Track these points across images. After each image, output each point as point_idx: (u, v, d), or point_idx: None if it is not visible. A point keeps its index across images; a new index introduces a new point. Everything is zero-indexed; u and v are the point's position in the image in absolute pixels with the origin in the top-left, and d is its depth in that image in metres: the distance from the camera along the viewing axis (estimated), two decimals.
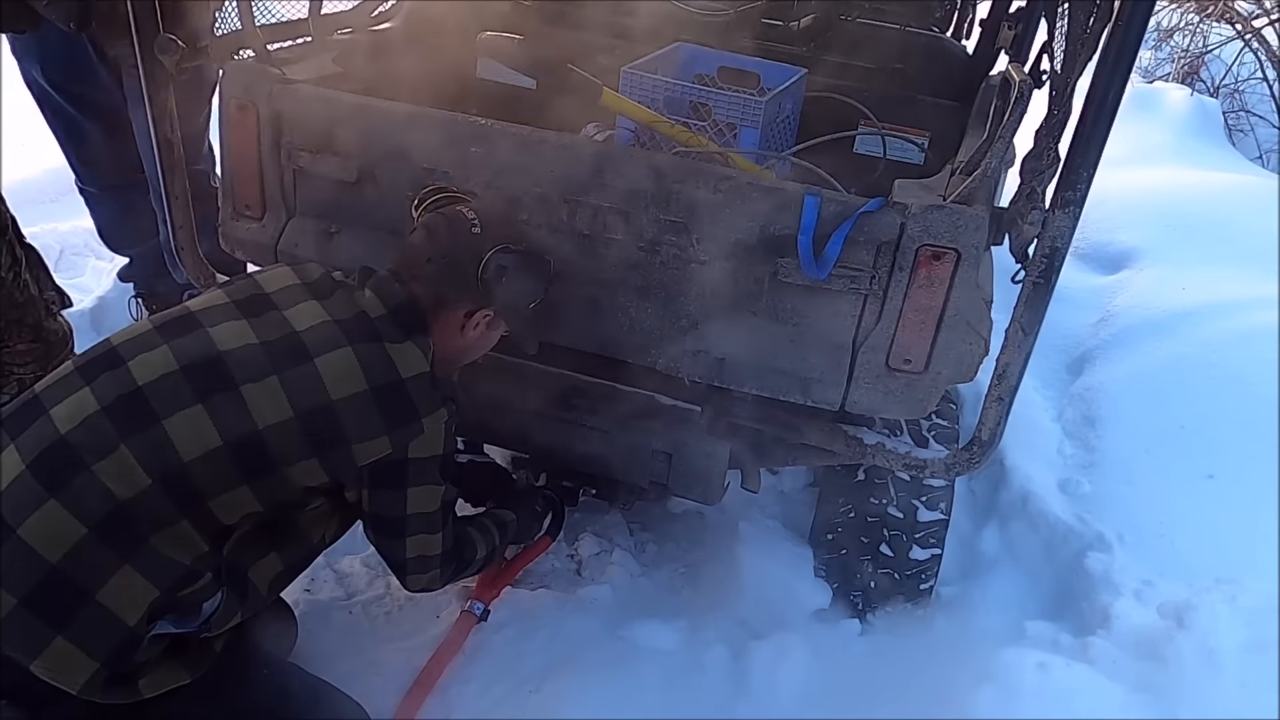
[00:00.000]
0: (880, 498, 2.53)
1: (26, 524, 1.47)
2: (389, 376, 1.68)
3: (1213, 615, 2.24)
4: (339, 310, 1.72)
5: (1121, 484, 2.91)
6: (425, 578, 1.91)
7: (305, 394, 1.62)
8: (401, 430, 1.68)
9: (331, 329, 1.68)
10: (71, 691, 1.50)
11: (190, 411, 1.56)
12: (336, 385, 1.64)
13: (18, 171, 4.23)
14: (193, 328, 1.66)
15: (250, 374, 1.61)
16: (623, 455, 2.22)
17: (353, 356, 1.66)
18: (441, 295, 1.81)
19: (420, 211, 1.91)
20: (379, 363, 1.68)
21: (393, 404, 1.67)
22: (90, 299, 3.48)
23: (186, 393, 1.57)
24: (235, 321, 1.67)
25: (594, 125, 2.77)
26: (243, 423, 1.58)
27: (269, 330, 1.67)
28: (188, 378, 1.59)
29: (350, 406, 1.64)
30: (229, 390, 1.59)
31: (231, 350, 1.62)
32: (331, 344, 1.66)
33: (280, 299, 1.73)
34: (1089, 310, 3.91)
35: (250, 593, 1.68)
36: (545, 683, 2.16)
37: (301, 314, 1.70)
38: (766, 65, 2.82)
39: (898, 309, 1.91)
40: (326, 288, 1.77)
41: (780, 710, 2.17)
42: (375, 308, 1.74)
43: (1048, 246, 1.79)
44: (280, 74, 2.18)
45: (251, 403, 1.59)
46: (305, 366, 1.63)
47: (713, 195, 1.92)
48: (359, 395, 1.65)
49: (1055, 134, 1.78)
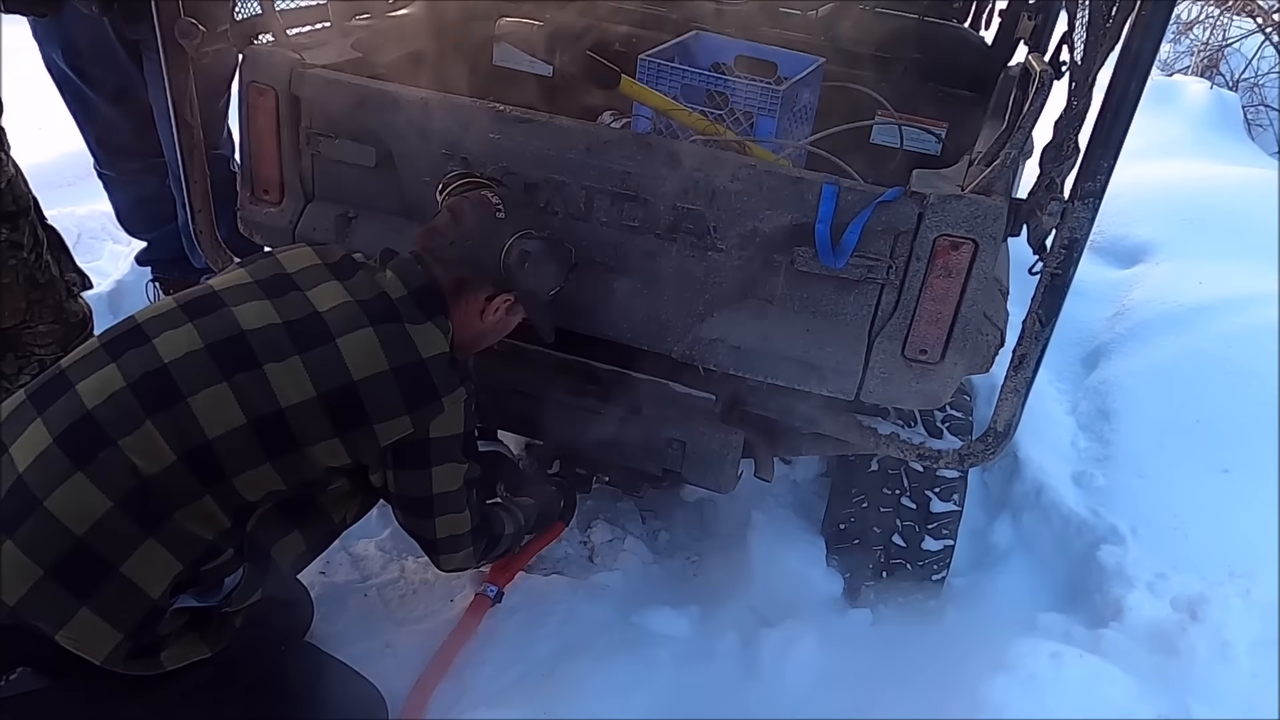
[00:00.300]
0: (893, 488, 2.53)
1: (53, 496, 1.49)
2: (409, 356, 1.69)
3: (1226, 609, 2.24)
4: (360, 291, 1.73)
5: (1135, 477, 2.90)
6: (459, 556, 1.93)
7: (327, 374, 1.64)
8: (422, 410, 1.70)
9: (353, 309, 1.70)
10: (95, 661, 1.52)
11: (215, 389, 1.58)
12: (358, 365, 1.65)
13: (35, 155, 4.21)
14: (216, 307, 1.67)
15: (273, 353, 1.62)
16: (636, 442, 2.22)
17: (374, 337, 1.67)
18: (463, 278, 1.83)
19: (445, 195, 1.92)
20: (400, 343, 1.69)
21: (413, 384, 1.68)
22: (108, 283, 3.50)
23: (211, 371, 1.59)
24: (258, 301, 1.69)
25: (610, 113, 2.77)
26: (266, 401, 1.60)
27: (291, 310, 1.68)
28: (212, 356, 1.61)
29: (371, 386, 1.65)
30: (252, 369, 1.61)
31: (255, 330, 1.64)
32: (353, 324, 1.68)
33: (302, 279, 1.75)
34: (1104, 304, 3.90)
35: (271, 570, 1.70)
36: (558, 666, 2.17)
37: (323, 294, 1.72)
38: (784, 54, 2.81)
39: (914, 299, 1.91)
40: (348, 268, 1.78)
41: (790, 697, 2.18)
42: (396, 289, 1.76)
43: (1066, 238, 1.78)
44: (299, 59, 2.19)
45: (274, 382, 1.61)
46: (327, 347, 1.65)
47: (731, 183, 1.92)
48: (380, 375, 1.66)
49: (1075, 125, 1.77)
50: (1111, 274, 4.19)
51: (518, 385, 2.24)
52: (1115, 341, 3.59)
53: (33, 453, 1.53)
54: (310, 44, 2.32)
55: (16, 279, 2.22)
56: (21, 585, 1.48)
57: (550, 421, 2.27)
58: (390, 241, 2.17)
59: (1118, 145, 1.69)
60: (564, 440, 2.32)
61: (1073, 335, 3.72)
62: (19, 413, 1.59)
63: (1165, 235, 4.33)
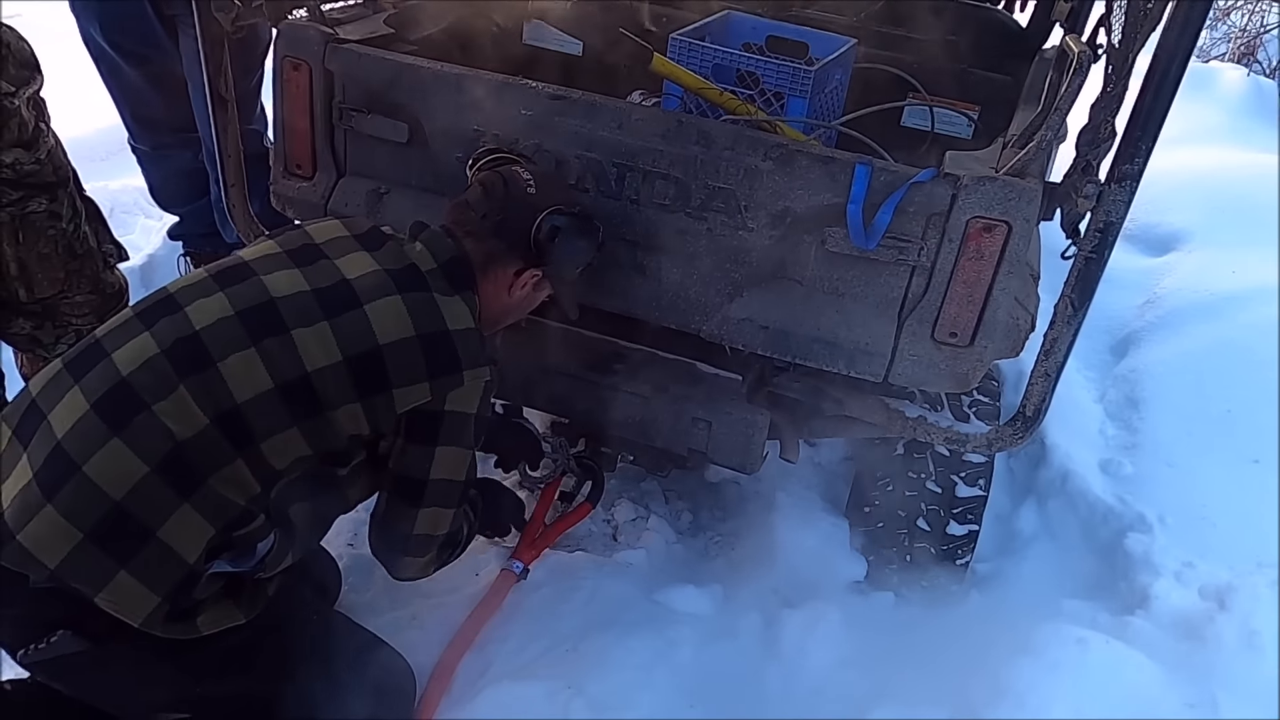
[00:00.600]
0: (919, 472, 2.53)
1: (91, 461, 1.52)
2: (436, 326, 1.70)
3: (1254, 598, 2.23)
4: (389, 261, 1.75)
5: (1164, 466, 2.88)
6: (421, 562, 1.88)
7: (354, 338, 1.65)
8: (442, 379, 1.70)
9: (381, 277, 1.71)
10: (134, 624, 1.55)
11: (244, 354, 1.60)
12: (384, 330, 1.67)
13: (70, 130, 4.26)
14: (247, 276, 1.69)
15: (301, 319, 1.64)
16: (662, 422, 2.23)
17: (401, 304, 1.69)
18: (493, 252, 1.83)
19: (475, 170, 1.92)
20: (427, 311, 1.71)
21: (437, 352, 1.70)
22: (140, 256, 3.54)
23: (241, 336, 1.61)
24: (288, 270, 1.70)
25: (640, 92, 2.77)
26: (293, 366, 1.62)
27: (321, 278, 1.70)
28: (243, 322, 1.63)
29: (395, 351, 1.67)
30: (281, 334, 1.63)
31: (284, 296, 1.66)
32: (381, 291, 1.69)
33: (331, 249, 1.76)
34: (1135, 292, 3.86)
35: (299, 537, 1.72)
36: (581, 642, 2.19)
37: (353, 263, 1.73)
38: (816, 35, 2.79)
39: (945, 281, 1.90)
40: (376, 239, 1.79)
41: (811, 678, 2.18)
42: (426, 261, 1.77)
43: (1101, 221, 1.77)
44: (333, 33, 2.20)
45: (302, 346, 1.63)
46: (355, 312, 1.67)
47: (762, 163, 1.92)
48: (405, 341, 1.67)
49: (1113, 108, 1.75)
50: (1143, 261, 4.14)
51: (544, 363, 2.25)
52: (1145, 330, 3.56)
53: (71, 419, 1.56)
54: (344, 19, 2.32)
55: (55, 249, 2.25)
56: (62, 548, 1.50)
57: (576, 400, 2.28)
58: (423, 217, 2.18)
59: (1158, 127, 1.67)
60: (590, 419, 2.32)
61: (1102, 323, 3.69)
62: (56, 381, 1.62)
63: (1198, 223, 4.27)
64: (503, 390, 2.35)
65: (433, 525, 1.83)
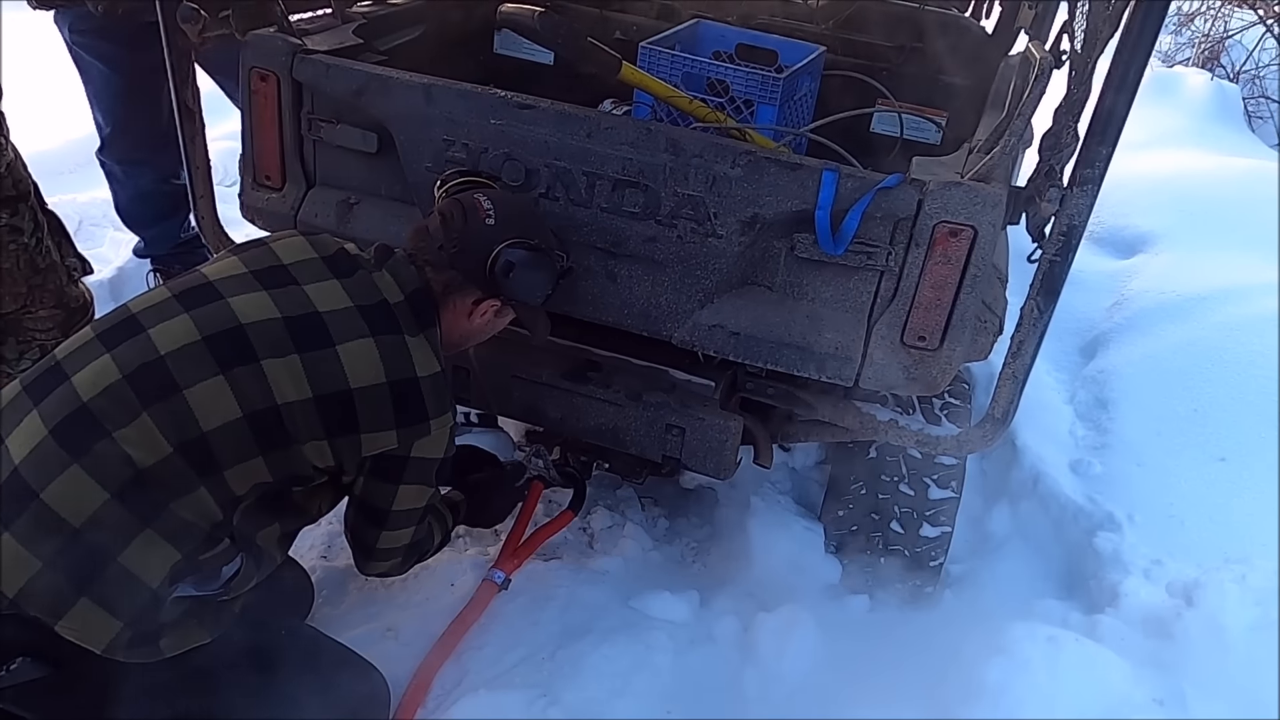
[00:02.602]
0: (891, 475, 2.55)
1: (50, 489, 1.49)
2: (405, 373, 1.71)
3: (1221, 594, 2.26)
4: (360, 294, 1.74)
5: (1133, 465, 2.92)
6: (386, 565, 1.96)
7: (325, 378, 1.65)
8: (410, 429, 1.73)
9: (353, 316, 1.71)
10: (96, 651, 1.53)
11: (212, 382, 1.58)
12: (356, 374, 1.67)
13: (38, 142, 4.25)
14: (213, 298, 1.67)
15: (272, 349, 1.63)
16: (636, 429, 2.23)
17: (374, 349, 1.69)
18: (450, 282, 1.84)
19: (443, 193, 1.92)
20: (397, 357, 1.71)
21: (405, 401, 1.71)
22: (109, 269, 3.52)
23: (208, 362, 1.59)
24: (255, 293, 1.69)
25: (610, 101, 2.78)
26: (263, 396, 1.61)
27: (290, 305, 1.69)
28: (210, 348, 1.61)
29: (366, 395, 1.68)
30: (250, 363, 1.61)
31: (254, 323, 1.64)
32: (354, 332, 1.69)
33: (299, 272, 1.74)
34: (1103, 294, 3.91)
35: (264, 558, 1.72)
36: (558, 650, 2.19)
37: (323, 293, 1.72)
38: (785, 42, 2.82)
39: (913, 286, 1.92)
40: (345, 265, 1.78)
41: (788, 681, 2.19)
42: (393, 293, 1.77)
43: (1065, 224, 1.79)
44: (301, 44, 2.20)
45: (272, 377, 1.62)
46: (326, 351, 1.66)
47: (731, 170, 1.93)
48: (377, 387, 1.69)
49: (1075, 113, 1.78)
50: (1111, 264, 4.20)
51: (518, 371, 2.25)
52: (1114, 331, 3.60)
53: (29, 445, 1.53)
54: (312, 29, 2.32)
55: (17, 264, 2.23)
56: (20, 577, 1.48)
57: (550, 408, 2.28)
58: (393, 227, 2.18)
59: (1117, 131, 1.69)
60: (564, 426, 2.33)
61: (1071, 325, 3.73)
62: (15, 404, 1.59)
63: (1165, 226, 4.33)
64: (476, 398, 2.35)
65: (396, 540, 1.90)
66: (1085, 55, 1.80)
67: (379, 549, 1.90)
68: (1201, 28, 8.22)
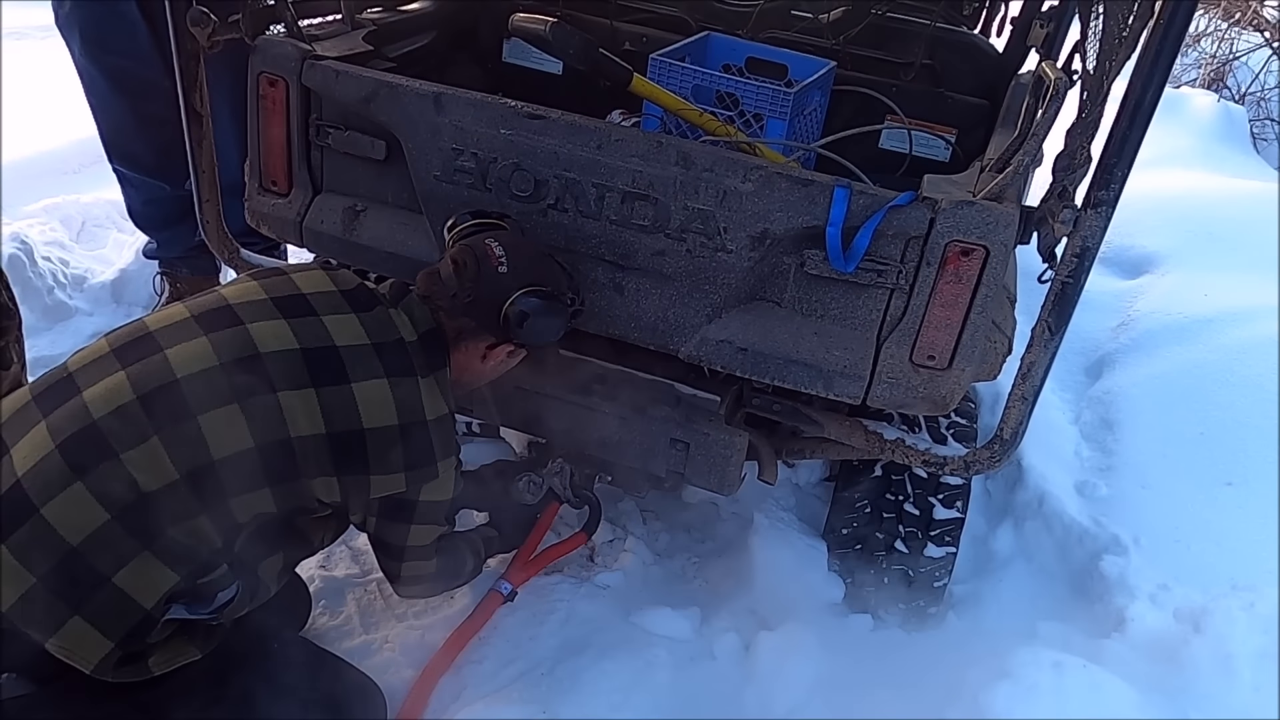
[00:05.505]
0: (896, 494, 2.53)
1: (50, 505, 1.47)
2: (415, 416, 1.71)
3: (1229, 621, 2.23)
4: (376, 331, 1.74)
5: (1139, 488, 2.89)
6: (418, 589, 2.02)
7: (339, 415, 1.65)
8: (418, 471, 1.73)
9: (370, 355, 1.70)
10: (85, 670, 1.51)
11: (226, 410, 1.57)
12: (370, 415, 1.67)
13: (43, 143, 4.25)
14: (232, 322, 1.66)
15: (288, 381, 1.62)
16: (640, 443, 2.22)
17: (388, 390, 1.69)
18: (464, 329, 1.85)
19: (453, 235, 1.92)
20: (410, 400, 1.71)
21: (415, 444, 1.72)
22: (112, 271, 3.50)
23: (224, 391, 1.57)
24: (274, 320, 1.68)
25: (620, 112, 2.77)
26: (276, 428, 1.60)
27: (308, 337, 1.67)
28: (226, 374, 1.59)
29: (378, 436, 1.68)
30: (266, 394, 1.60)
31: (272, 352, 1.63)
32: (370, 372, 1.69)
33: (318, 303, 1.73)
34: (1109, 314, 3.89)
35: (260, 588, 1.71)
36: (558, 665, 2.18)
37: (341, 326, 1.71)
38: (795, 57, 2.80)
39: (924, 304, 1.91)
40: (364, 300, 1.78)
41: (788, 701, 2.17)
42: (408, 331, 1.78)
43: (1078, 246, 1.78)
44: (310, 50, 2.19)
45: (287, 409, 1.61)
46: (342, 388, 1.66)
47: (741, 184, 1.92)
48: (389, 429, 1.68)
49: (1089, 134, 1.77)
50: (1116, 284, 4.19)
51: (521, 383, 2.23)
52: (1119, 352, 3.58)
53: (34, 458, 1.50)
54: (322, 35, 2.31)
55: None
56: (13, 591, 1.46)
57: (553, 420, 2.26)
58: (399, 234, 2.18)
59: (1133, 153, 1.68)
60: (567, 439, 2.31)
61: (1077, 345, 3.71)
62: (23, 413, 1.57)
63: (1171, 246, 4.32)
64: (479, 410, 2.34)
65: (417, 570, 1.93)
66: (1099, 76, 1.79)
67: (404, 577, 1.93)
68: (1209, 49, 8.24)
